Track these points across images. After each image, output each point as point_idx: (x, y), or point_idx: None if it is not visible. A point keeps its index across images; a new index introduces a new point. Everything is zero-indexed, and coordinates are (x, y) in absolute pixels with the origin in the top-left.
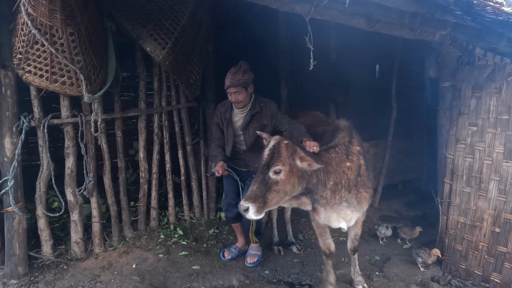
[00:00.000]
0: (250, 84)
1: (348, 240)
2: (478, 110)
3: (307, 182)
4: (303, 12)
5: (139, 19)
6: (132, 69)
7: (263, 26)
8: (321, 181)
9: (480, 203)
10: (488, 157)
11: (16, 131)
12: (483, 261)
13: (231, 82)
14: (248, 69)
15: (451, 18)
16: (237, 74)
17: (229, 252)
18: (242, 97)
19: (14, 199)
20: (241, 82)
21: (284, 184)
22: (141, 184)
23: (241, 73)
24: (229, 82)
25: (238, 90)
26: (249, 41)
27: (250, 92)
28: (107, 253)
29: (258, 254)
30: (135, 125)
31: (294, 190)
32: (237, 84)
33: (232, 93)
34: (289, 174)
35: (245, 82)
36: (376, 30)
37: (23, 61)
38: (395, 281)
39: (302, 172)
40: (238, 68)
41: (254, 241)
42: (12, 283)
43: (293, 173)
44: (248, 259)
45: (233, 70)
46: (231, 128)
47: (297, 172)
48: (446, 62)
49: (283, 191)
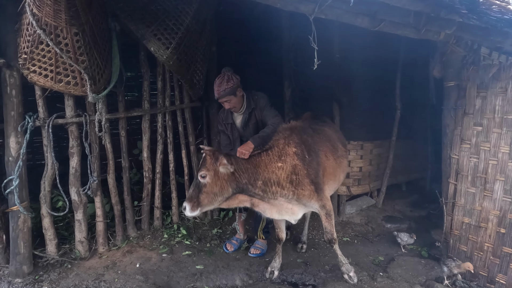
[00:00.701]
0: (238, 88)
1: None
2: (484, 110)
3: (236, 183)
4: (307, 11)
5: (143, 19)
6: (136, 69)
7: (267, 26)
8: (250, 181)
9: (485, 203)
10: (493, 157)
11: (21, 130)
12: (488, 262)
13: (219, 94)
14: (231, 74)
15: (457, 17)
16: (222, 85)
17: (231, 244)
18: (234, 103)
19: (19, 198)
20: (227, 91)
21: (212, 186)
22: (145, 184)
23: (225, 82)
24: (217, 94)
25: (228, 99)
26: (253, 41)
27: (240, 95)
28: (111, 253)
29: (262, 248)
30: (139, 125)
31: (224, 191)
32: (224, 94)
33: (224, 102)
34: (215, 178)
35: (231, 89)
36: (380, 29)
37: (28, 61)
38: (399, 281)
39: (228, 175)
40: (222, 77)
41: (261, 237)
42: (17, 281)
43: (219, 176)
44: (251, 250)
45: (217, 81)
46: (235, 131)
47: (223, 175)
48: (451, 62)
49: (213, 192)
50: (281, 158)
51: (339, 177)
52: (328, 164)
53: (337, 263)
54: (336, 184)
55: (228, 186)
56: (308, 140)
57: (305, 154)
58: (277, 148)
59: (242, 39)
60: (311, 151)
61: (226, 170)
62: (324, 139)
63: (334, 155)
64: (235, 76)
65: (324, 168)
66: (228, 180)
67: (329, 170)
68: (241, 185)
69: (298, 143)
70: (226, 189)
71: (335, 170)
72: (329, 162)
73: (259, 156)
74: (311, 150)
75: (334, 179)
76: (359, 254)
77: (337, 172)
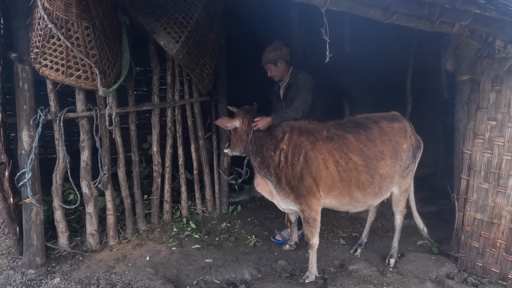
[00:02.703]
0: (280, 60)
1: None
2: (498, 104)
3: (245, 144)
4: (319, 3)
5: (152, 12)
6: (145, 64)
7: (276, 19)
8: (252, 151)
9: (499, 199)
10: (507, 153)
11: (33, 124)
12: (500, 259)
13: (262, 61)
14: (279, 46)
15: (473, 8)
16: (266, 53)
17: (280, 235)
18: (273, 72)
19: (31, 191)
20: (268, 60)
21: (234, 136)
22: (154, 178)
23: (269, 51)
24: (262, 61)
25: (268, 67)
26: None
27: (281, 66)
28: (121, 245)
29: (285, 238)
30: (149, 119)
31: (240, 142)
32: (266, 61)
33: (267, 70)
34: (235, 130)
35: (272, 59)
36: (393, 21)
37: (39, 55)
38: (409, 277)
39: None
40: (270, 46)
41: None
42: (30, 272)
43: (235, 132)
44: (277, 236)
45: (266, 49)
46: (279, 102)
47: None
48: (465, 55)
49: (235, 139)
50: (275, 149)
51: (354, 195)
52: (327, 175)
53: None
54: (347, 200)
55: (241, 140)
56: (304, 143)
57: (290, 155)
58: (275, 139)
59: (251, 32)
60: (302, 154)
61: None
62: (337, 147)
63: (343, 167)
64: (282, 48)
65: (318, 178)
66: (240, 137)
67: (326, 181)
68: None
69: (289, 143)
70: (240, 142)
71: (343, 184)
72: (329, 173)
73: (263, 137)
74: (302, 153)
75: (341, 194)
76: (368, 250)
77: (351, 188)
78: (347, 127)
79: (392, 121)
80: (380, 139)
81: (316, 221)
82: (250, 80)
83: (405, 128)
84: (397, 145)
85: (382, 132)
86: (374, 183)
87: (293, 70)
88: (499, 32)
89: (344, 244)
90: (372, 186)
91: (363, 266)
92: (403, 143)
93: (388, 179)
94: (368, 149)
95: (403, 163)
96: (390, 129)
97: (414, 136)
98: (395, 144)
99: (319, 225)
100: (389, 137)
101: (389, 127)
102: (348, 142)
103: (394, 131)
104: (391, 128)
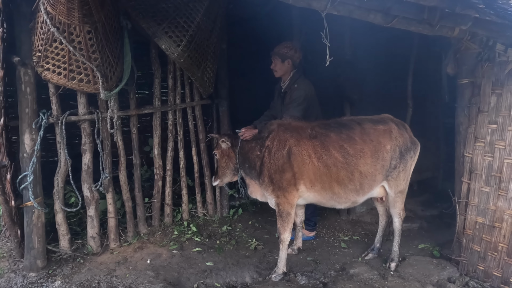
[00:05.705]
0: (288, 59)
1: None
2: (499, 108)
3: (234, 161)
4: (320, 8)
5: (154, 16)
6: (147, 67)
7: (277, 23)
8: (241, 162)
9: (500, 203)
10: (508, 156)
11: (35, 127)
12: (502, 263)
13: (273, 50)
14: (295, 47)
15: (473, 12)
16: (281, 46)
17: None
18: (277, 66)
19: (33, 194)
20: (280, 53)
21: (220, 161)
22: (156, 181)
23: (284, 46)
24: (273, 50)
25: (275, 59)
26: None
27: (286, 65)
28: (122, 248)
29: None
30: (150, 123)
31: (228, 166)
32: (276, 53)
33: (272, 60)
34: (221, 154)
35: (283, 54)
36: (393, 25)
37: (42, 58)
38: (411, 281)
39: (228, 153)
40: (287, 42)
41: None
42: (31, 275)
43: (223, 153)
44: (305, 232)
45: (282, 43)
46: (279, 98)
47: (225, 152)
48: (465, 59)
49: (222, 166)
50: (261, 149)
51: (335, 191)
52: (309, 169)
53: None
54: (330, 195)
55: (229, 161)
56: (288, 139)
57: (274, 149)
58: (261, 140)
59: (252, 36)
60: (285, 149)
61: (225, 146)
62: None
63: (324, 162)
64: (296, 50)
65: (300, 171)
66: (227, 157)
67: (308, 175)
68: (236, 165)
69: (273, 139)
70: (229, 165)
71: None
72: (311, 167)
73: (249, 143)
74: (285, 148)
75: (323, 188)
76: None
77: (332, 184)
78: (330, 127)
79: (377, 123)
80: (361, 139)
81: (289, 216)
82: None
83: (390, 130)
84: (379, 145)
85: (363, 132)
86: (354, 179)
87: (294, 76)
88: (499, 36)
89: (345, 247)
90: (353, 183)
91: (364, 269)
92: (387, 144)
93: (369, 177)
94: (348, 146)
95: (386, 163)
96: (373, 130)
97: (403, 138)
98: (376, 144)
99: (292, 220)
100: (371, 137)
101: (372, 128)
102: (330, 140)
103: (377, 132)
104: (374, 129)
